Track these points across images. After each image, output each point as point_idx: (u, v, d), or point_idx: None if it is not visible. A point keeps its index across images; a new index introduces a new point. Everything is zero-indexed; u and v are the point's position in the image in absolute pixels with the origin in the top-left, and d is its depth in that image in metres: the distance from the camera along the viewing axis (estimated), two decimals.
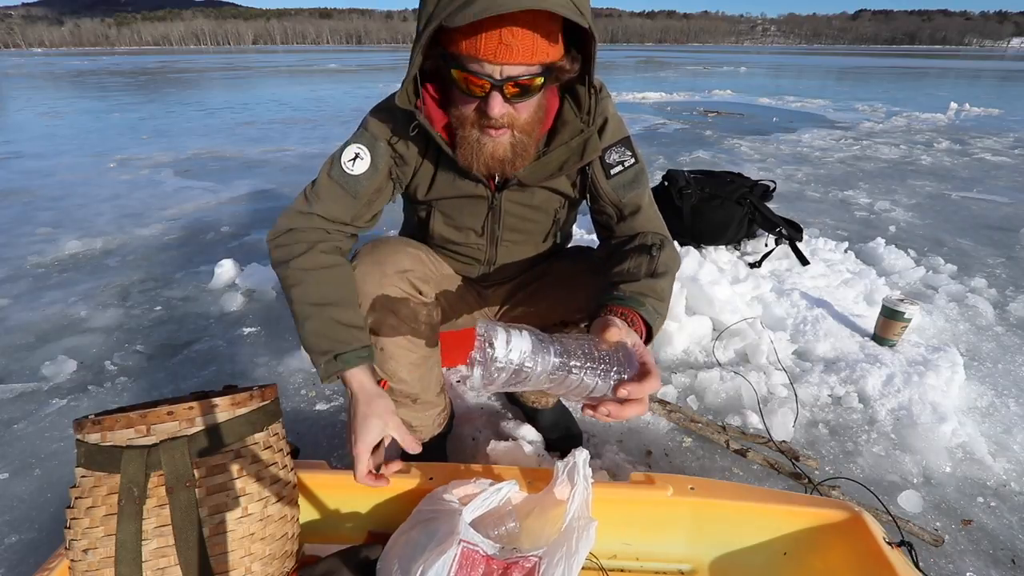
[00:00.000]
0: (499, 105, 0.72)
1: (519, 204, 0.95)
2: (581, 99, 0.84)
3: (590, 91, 0.82)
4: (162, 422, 0.72)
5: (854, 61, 36.13)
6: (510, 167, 0.81)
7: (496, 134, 0.77)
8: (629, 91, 11.03)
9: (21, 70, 22.60)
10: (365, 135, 0.89)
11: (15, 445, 1.32)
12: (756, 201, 2.27)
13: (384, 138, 0.88)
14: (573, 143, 0.86)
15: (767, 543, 0.89)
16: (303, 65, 25.90)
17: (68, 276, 2.33)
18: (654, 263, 0.82)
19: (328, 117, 7.47)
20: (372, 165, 0.88)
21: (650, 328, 0.75)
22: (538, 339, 0.59)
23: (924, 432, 1.31)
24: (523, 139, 0.79)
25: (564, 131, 0.85)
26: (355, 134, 0.90)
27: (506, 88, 0.71)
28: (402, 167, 0.91)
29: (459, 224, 0.99)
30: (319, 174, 0.90)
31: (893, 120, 7.36)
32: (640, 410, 0.60)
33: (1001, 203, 3.49)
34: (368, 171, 0.88)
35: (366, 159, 0.88)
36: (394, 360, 0.94)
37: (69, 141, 5.61)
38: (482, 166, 0.80)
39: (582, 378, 0.59)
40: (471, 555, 0.75)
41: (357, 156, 0.88)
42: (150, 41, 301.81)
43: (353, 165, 0.88)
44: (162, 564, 0.69)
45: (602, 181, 0.92)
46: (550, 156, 0.86)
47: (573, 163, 0.87)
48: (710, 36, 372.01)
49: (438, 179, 0.92)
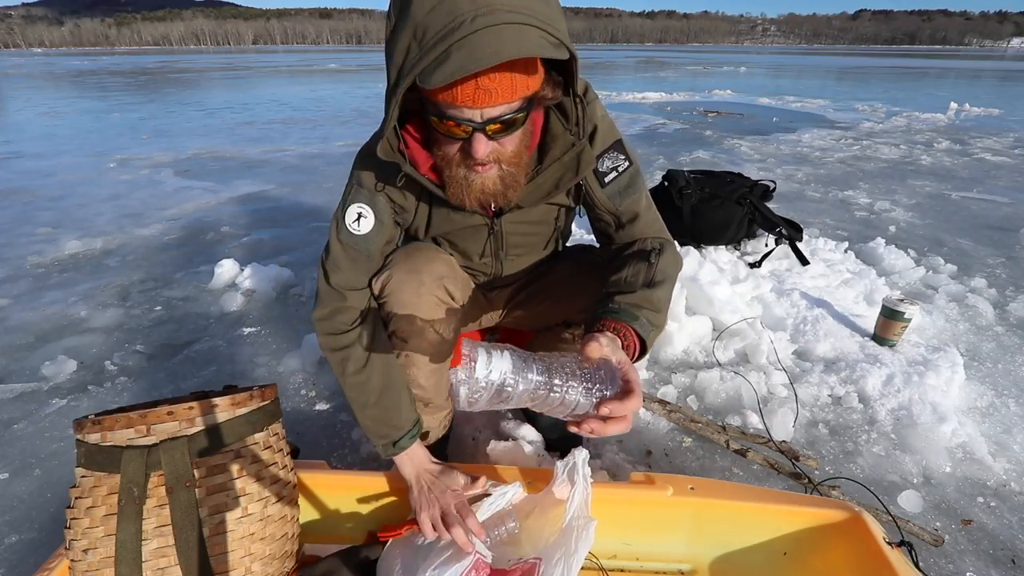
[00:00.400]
0: (483, 145, 0.70)
1: (519, 223, 0.95)
2: (568, 110, 0.81)
3: (575, 101, 0.79)
4: (162, 422, 0.72)
5: (854, 61, 36.13)
6: (502, 198, 0.79)
7: (483, 170, 0.75)
8: (629, 91, 11.03)
9: (21, 70, 22.61)
10: (362, 192, 0.87)
11: (15, 445, 1.32)
12: (756, 201, 2.27)
13: (379, 189, 0.87)
14: (566, 158, 0.83)
15: (767, 543, 0.89)
16: (303, 65, 25.90)
17: (68, 276, 2.33)
18: (652, 271, 0.81)
19: (328, 117, 7.46)
20: (377, 221, 0.87)
21: (644, 341, 0.75)
22: (520, 358, 0.62)
23: (924, 432, 1.31)
24: (511, 171, 0.77)
25: (555, 147, 0.83)
26: (350, 190, 0.88)
27: (488, 128, 0.69)
28: (402, 213, 0.91)
29: (463, 250, 1.00)
30: (329, 239, 0.90)
31: (893, 120, 7.36)
32: (623, 427, 0.60)
33: (1001, 203, 3.49)
34: (375, 228, 0.88)
35: (369, 217, 0.87)
36: (415, 367, 0.95)
37: (69, 141, 5.61)
38: (474, 201, 0.78)
39: (563, 396, 0.61)
40: (480, 565, 0.75)
41: (360, 216, 0.87)
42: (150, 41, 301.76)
43: (359, 225, 0.87)
44: (162, 564, 0.69)
45: (597, 191, 0.90)
46: (544, 175, 0.84)
47: (569, 179, 0.84)
48: (710, 36, 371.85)
49: (435, 217, 0.92)
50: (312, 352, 1.66)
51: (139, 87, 13.00)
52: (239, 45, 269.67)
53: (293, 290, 2.15)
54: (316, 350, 1.66)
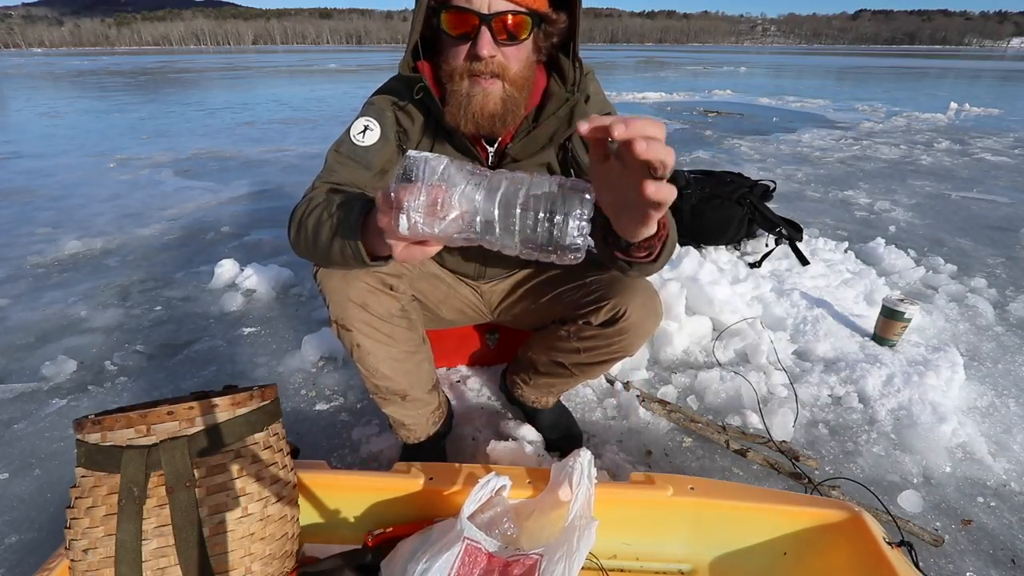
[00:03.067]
0: (488, 44, 0.73)
1: None
2: (566, 72, 0.86)
3: (575, 64, 0.84)
4: (162, 422, 0.72)
5: (854, 61, 36.13)
6: (500, 124, 0.81)
7: (486, 84, 0.77)
8: (629, 91, 11.02)
9: (21, 70, 22.60)
10: (372, 108, 0.90)
11: (15, 445, 1.32)
12: (756, 201, 2.27)
13: (390, 110, 0.89)
14: (561, 112, 0.87)
15: (767, 543, 0.89)
16: (303, 65, 25.89)
17: (68, 276, 2.33)
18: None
19: (328, 117, 7.46)
20: (383, 135, 0.89)
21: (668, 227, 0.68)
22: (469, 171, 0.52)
23: (924, 432, 1.31)
24: (513, 93, 0.79)
25: (551, 104, 0.87)
26: (361, 111, 0.91)
27: (495, 25, 0.72)
28: (406, 141, 0.91)
29: None
30: (327, 157, 0.90)
31: (893, 120, 7.35)
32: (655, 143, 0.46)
33: (1001, 203, 3.49)
34: (379, 141, 0.88)
35: (376, 130, 0.88)
36: (372, 356, 0.93)
37: (69, 141, 5.61)
38: (470, 122, 0.80)
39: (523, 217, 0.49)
40: (474, 552, 0.75)
41: (367, 128, 0.88)
42: (150, 41, 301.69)
43: (363, 137, 0.88)
44: (162, 564, 0.69)
45: (582, 154, 0.92)
46: (540, 129, 0.88)
47: (562, 132, 0.88)
48: (710, 36, 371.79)
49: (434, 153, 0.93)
50: (312, 352, 1.66)
51: (139, 87, 12.99)
52: (239, 45, 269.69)
53: (293, 290, 2.15)
54: (316, 350, 1.66)
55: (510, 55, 0.76)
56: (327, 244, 0.73)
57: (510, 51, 0.76)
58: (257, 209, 3.31)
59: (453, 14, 0.72)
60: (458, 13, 0.72)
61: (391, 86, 0.90)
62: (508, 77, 0.78)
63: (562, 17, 0.79)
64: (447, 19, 0.73)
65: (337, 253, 0.72)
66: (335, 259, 0.74)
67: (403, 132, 0.91)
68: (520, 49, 0.77)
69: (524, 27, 0.74)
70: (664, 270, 1.92)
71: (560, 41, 0.84)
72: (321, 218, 0.74)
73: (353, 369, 1.57)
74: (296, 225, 0.80)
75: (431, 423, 1.13)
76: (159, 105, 9.09)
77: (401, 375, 0.98)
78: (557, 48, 0.86)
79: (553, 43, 0.83)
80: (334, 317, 0.89)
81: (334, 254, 0.73)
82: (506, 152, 0.89)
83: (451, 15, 0.73)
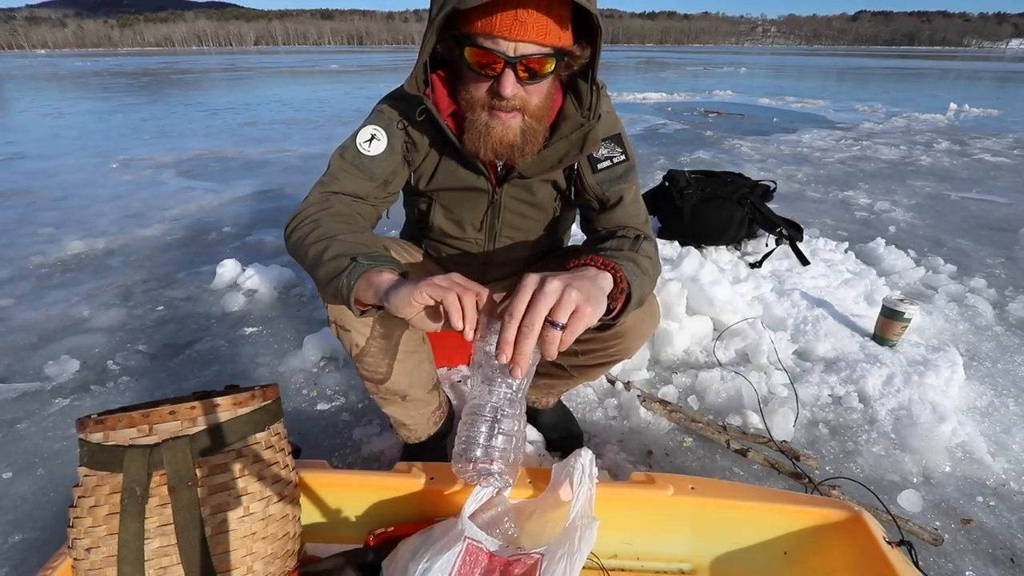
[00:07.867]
0: (512, 84, 0.73)
1: (519, 200, 0.96)
2: (583, 95, 0.85)
3: (592, 88, 0.83)
4: (164, 422, 0.72)
5: (854, 62, 36.11)
6: (519, 153, 0.81)
7: (506, 117, 0.77)
8: (630, 91, 11.03)
9: (24, 71, 22.64)
10: (381, 117, 0.89)
11: (18, 445, 1.32)
12: (756, 201, 2.28)
13: (398, 122, 0.89)
14: (573, 136, 0.86)
15: (767, 543, 0.89)
16: (305, 66, 25.92)
17: (71, 276, 2.33)
18: (637, 245, 0.81)
19: (329, 117, 7.47)
20: (389, 146, 0.88)
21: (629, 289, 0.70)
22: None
23: (924, 432, 1.31)
24: (533, 124, 0.79)
25: (564, 126, 0.86)
26: (370, 118, 0.90)
27: (519, 68, 0.72)
28: (413, 153, 0.91)
29: (458, 218, 0.99)
30: (331, 160, 0.90)
31: (893, 121, 7.35)
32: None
33: (1000, 203, 3.49)
34: (385, 152, 0.88)
35: (383, 140, 0.88)
36: (370, 356, 0.93)
37: (72, 142, 5.62)
38: (490, 151, 0.80)
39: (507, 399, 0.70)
40: (475, 551, 0.75)
41: (374, 137, 0.88)
42: (152, 42, 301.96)
43: (369, 146, 0.88)
44: (164, 563, 0.69)
45: (588, 176, 0.92)
46: (551, 149, 0.87)
47: (572, 156, 0.87)
48: (710, 37, 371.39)
49: (441, 169, 0.92)
50: (314, 352, 1.66)
51: (141, 88, 13.02)
52: (241, 46, 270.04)
53: (295, 290, 2.16)
54: (318, 350, 1.66)
55: (532, 91, 0.76)
56: (319, 280, 0.75)
57: (532, 88, 0.76)
58: (259, 209, 3.32)
59: (478, 52, 0.71)
60: (484, 52, 0.71)
61: (402, 95, 0.88)
62: (529, 110, 0.77)
63: (587, 52, 0.78)
64: (471, 55, 0.72)
65: (328, 294, 0.76)
66: (323, 293, 0.83)
67: (411, 144, 0.90)
68: (542, 85, 0.77)
69: (548, 65, 0.73)
70: (665, 270, 1.92)
71: (580, 69, 0.83)
72: (322, 256, 0.73)
73: (354, 369, 1.58)
74: (293, 244, 0.82)
75: (432, 423, 1.14)
76: (161, 106, 9.10)
77: (401, 375, 0.98)
78: (576, 73, 0.85)
79: (573, 71, 0.82)
80: (333, 318, 0.89)
81: (325, 292, 0.82)
82: (514, 168, 0.88)
83: (476, 52, 0.72)
